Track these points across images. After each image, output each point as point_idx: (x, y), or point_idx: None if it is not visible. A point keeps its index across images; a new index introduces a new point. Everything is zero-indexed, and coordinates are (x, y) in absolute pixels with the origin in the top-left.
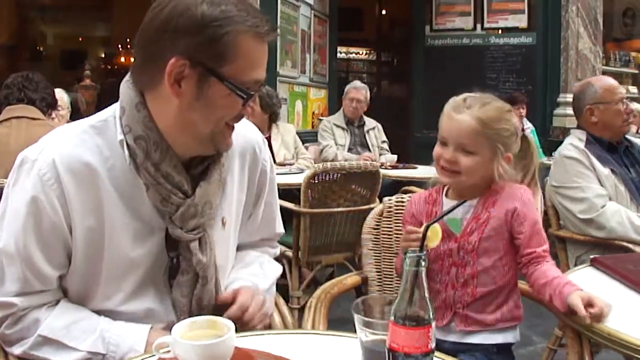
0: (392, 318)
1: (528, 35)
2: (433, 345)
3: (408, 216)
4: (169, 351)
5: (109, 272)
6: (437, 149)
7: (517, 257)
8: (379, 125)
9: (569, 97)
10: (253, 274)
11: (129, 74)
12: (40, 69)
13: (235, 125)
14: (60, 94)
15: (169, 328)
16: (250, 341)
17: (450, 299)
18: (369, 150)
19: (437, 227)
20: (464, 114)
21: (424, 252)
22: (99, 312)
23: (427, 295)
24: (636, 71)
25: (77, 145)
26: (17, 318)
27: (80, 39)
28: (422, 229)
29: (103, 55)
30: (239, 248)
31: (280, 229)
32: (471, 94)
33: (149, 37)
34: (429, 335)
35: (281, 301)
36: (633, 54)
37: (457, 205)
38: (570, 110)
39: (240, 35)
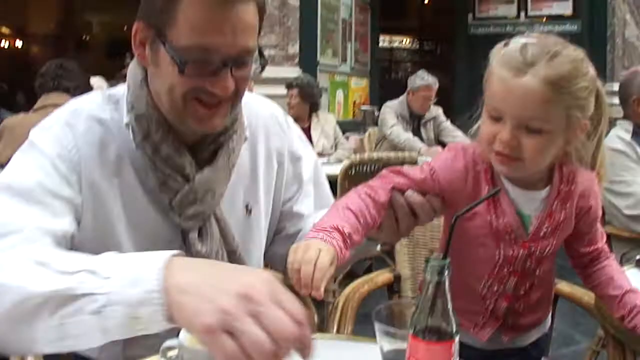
0: (411, 331)
1: (573, 23)
2: None
3: (440, 177)
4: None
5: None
6: (489, 127)
7: (574, 256)
8: (440, 113)
9: (616, 87)
10: None
11: None
12: (86, 58)
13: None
14: (100, 82)
15: None
16: None
17: (500, 310)
18: (424, 143)
19: None
20: (528, 75)
21: (448, 260)
22: None
23: (450, 306)
24: None
25: (95, 116)
26: None
27: (125, 27)
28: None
29: None
30: None
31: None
32: (529, 38)
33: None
34: (451, 352)
35: (308, 300)
36: None
37: (492, 194)
38: (616, 100)
39: None
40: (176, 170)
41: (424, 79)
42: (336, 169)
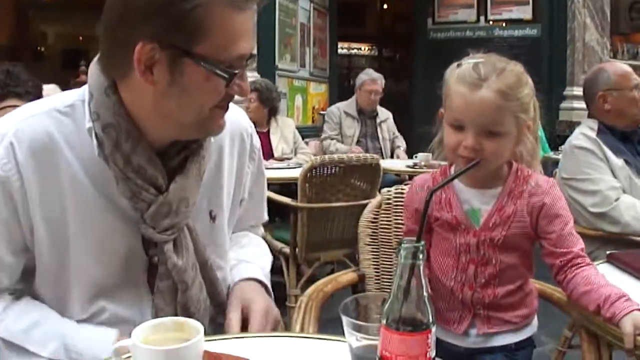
0: (383, 322)
1: (533, 27)
2: (433, 353)
3: (411, 208)
4: (129, 357)
5: (78, 264)
6: (453, 136)
7: (548, 260)
8: (391, 117)
9: (576, 91)
10: (256, 255)
11: (98, 55)
12: (41, 69)
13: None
14: (55, 89)
15: None
16: (228, 344)
17: (467, 299)
18: (379, 143)
19: None
20: (483, 89)
21: (423, 243)
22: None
23: (425, 294)
24: None
25: (39, 131)
26: None
27: (80, 38)
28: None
29: None
30: None
31: (266, 216)
32: (478, 59)
33: (111, 21)
34: (427, 343)
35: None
36: None
37: (469, 168)
38: (577, 104)
39: (213, 7)
40: (148, 182)
41: (368, 74)
42: (296, 173)
